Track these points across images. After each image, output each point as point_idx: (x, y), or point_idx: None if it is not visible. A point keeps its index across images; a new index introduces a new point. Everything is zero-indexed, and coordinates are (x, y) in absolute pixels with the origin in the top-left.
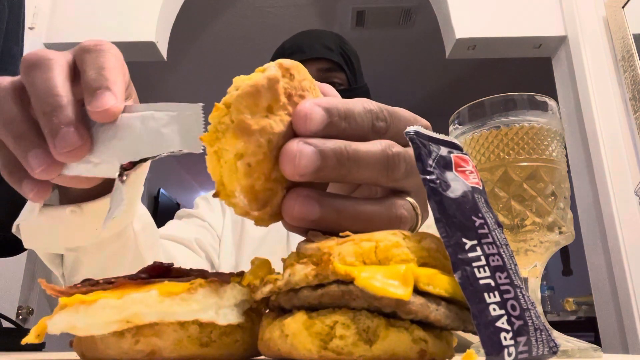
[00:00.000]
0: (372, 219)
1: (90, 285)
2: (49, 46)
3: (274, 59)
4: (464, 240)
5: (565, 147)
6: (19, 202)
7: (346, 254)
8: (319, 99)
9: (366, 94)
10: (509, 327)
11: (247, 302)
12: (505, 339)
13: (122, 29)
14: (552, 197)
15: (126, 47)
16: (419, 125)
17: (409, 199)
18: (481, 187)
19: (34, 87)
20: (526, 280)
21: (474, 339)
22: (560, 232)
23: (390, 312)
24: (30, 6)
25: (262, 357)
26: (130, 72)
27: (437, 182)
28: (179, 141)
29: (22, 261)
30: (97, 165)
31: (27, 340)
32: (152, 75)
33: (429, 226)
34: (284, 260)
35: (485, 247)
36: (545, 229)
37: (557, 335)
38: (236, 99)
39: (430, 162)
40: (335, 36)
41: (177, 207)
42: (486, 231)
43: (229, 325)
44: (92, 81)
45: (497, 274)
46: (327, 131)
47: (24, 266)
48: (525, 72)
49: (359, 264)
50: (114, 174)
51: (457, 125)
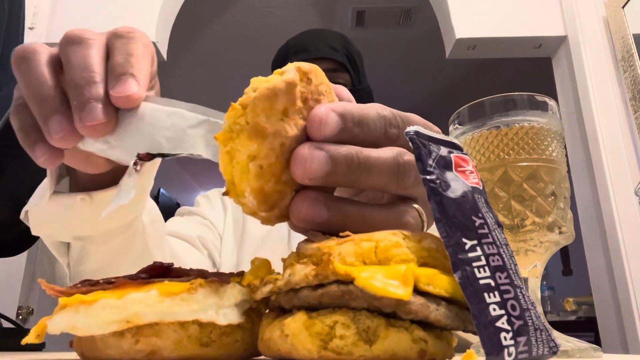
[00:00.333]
0: (378, 225)
1: (90, 285)
2: (49, 46)
3: (277, 57)
4: (464, 240)
5: (565, 147)
6: (19, 202)
7: (346, 254)
8: (334, 104)
9: (369, 95)
10: (509, 327)
11: (247, 302)
12: (505, 339)
13: None
14: (552, 197)
15: None
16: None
17: (416, 205)
18: (481, 187)
19: (71, 60)
20: (526, 280)
21: (474, 339)
22: (560, 232)
23: (390, 312)
24: (30, 6)
25: (262, 357)
26: None
27: (437, 182)
28: (202, 146)
29: (22, 261)
30: (113, 147)
31: (27, 340)
32: None
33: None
34: (284, 260)
35: (485, 247)
36: (545, 229)
37: (557, 335)
38: (253, 101)
39: (430, 162)
40: (340, 36)
41: (177, 207)
42: (486, 231)
43: (229, 325)
44: (118, 66)
45: (497, 274)
46: (340, 136)
47: (24, 266)
48: (525, 72)
49: (359, 264)
50: (126, 160)
51: (457, 125)
